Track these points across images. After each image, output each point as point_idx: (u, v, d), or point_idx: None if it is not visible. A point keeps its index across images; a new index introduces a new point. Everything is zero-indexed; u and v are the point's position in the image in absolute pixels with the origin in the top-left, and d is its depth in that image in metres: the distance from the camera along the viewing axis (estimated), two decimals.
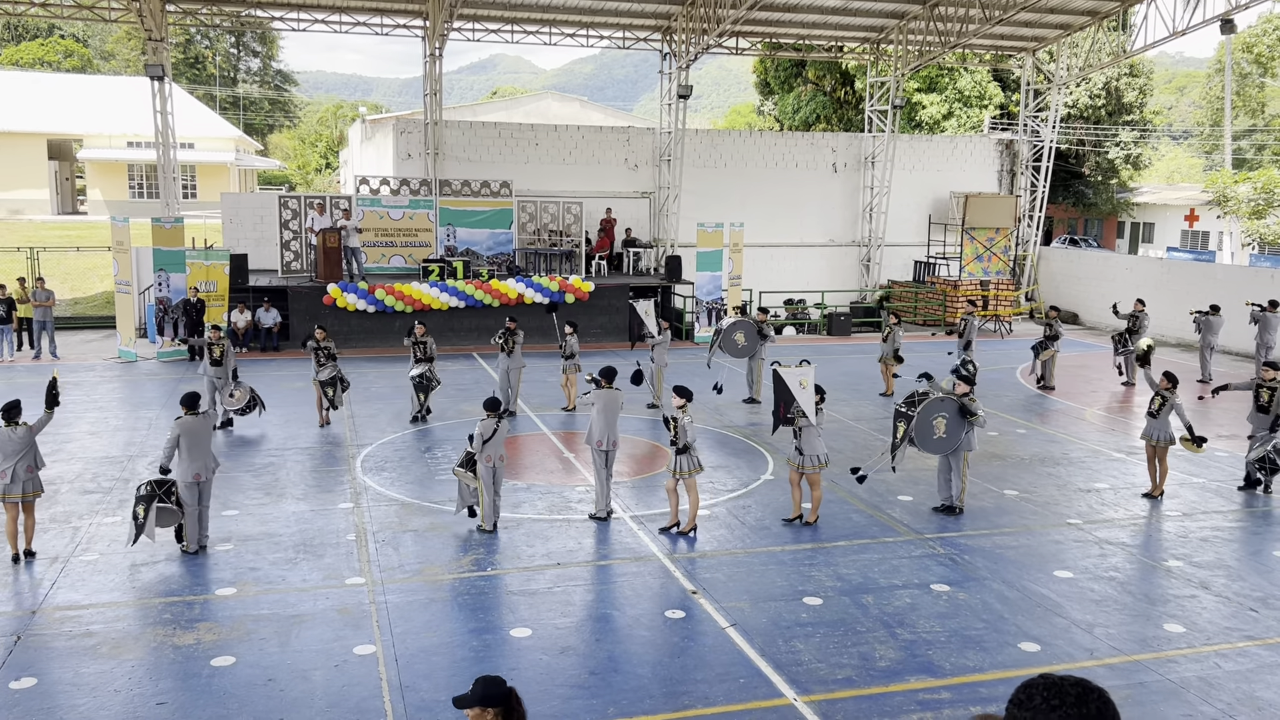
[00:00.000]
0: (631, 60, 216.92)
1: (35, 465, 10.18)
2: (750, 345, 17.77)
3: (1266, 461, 12.97)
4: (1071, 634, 8.92)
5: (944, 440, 11.89)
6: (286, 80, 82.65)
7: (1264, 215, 38.74)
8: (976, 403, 11.86)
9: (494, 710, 4.39)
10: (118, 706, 7.39)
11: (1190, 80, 78.47)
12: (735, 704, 7.57)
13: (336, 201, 24.47)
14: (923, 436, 11.79)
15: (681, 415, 10.97)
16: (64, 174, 53.23)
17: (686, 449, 10.94)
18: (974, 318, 19.45)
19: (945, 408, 11.81)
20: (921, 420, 11.73)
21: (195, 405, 10.59)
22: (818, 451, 11.43)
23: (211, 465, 10.64)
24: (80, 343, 23.59)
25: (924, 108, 39.73)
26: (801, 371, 11.53)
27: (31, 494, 10.14)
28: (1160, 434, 12.70)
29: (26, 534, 10.24)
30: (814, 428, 11.38)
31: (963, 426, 11.84)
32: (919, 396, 11.95)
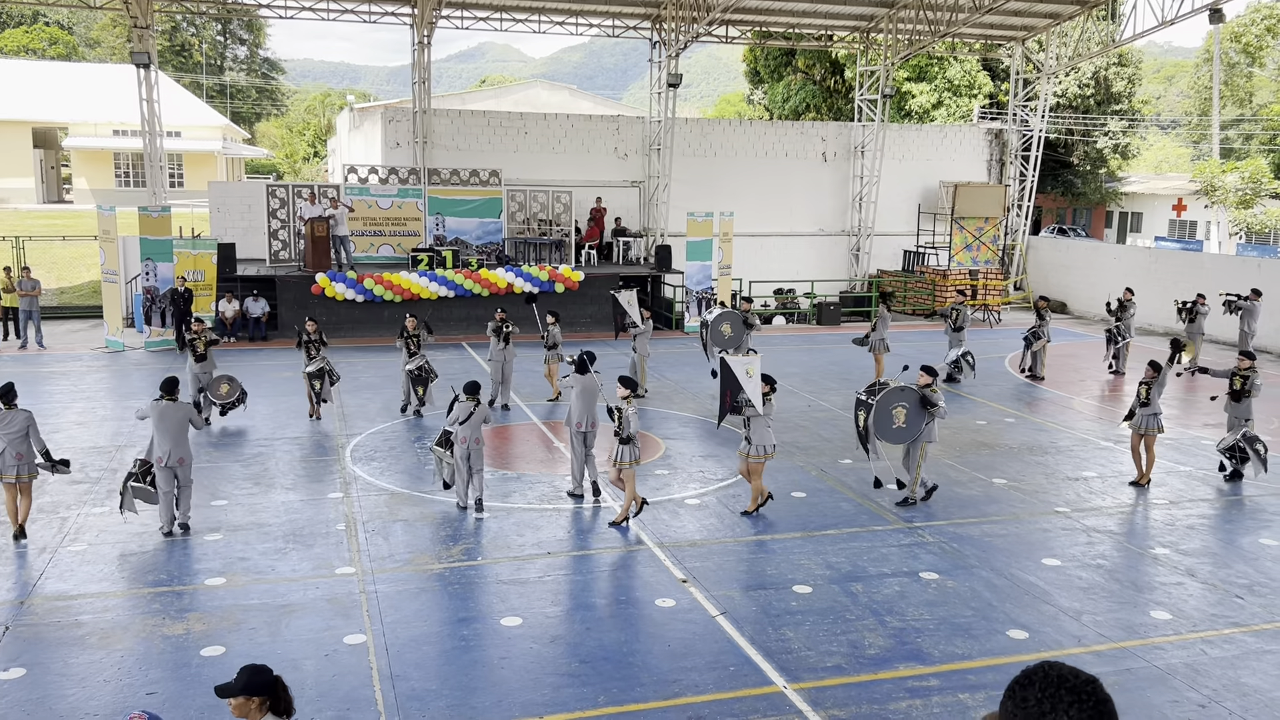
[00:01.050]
0: (621, 48, 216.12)
1: (26, 454, 10.39)
2: (736, 335, 17.75)
3: (1236, 450, 13.04)
4: (1059, 621, 8.98)
5: (903, 430, 11.78)
6: (274, 68, 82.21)
7: (1251, 205, 38.93)
8: (938, 393, 11.78)
9: (259, 700, 4.31)
10: (107, 696, 7.38)
11: (1179, 70, 78.65)
12: (725, 692, 7.60)
13: (325, 190, 24.37)
14: (881, 426, 11.69)
15: (626, 406, 10.90)
16: (49, 162, 52.87)
17: (630, 440, 10.86)
18: (965, 307, 19.46)
19: (905, 397, 11.72)
20: (880, 409, 11.63)
21: (173, 390, 10.76)
22: (766, 441, 11.31)
23: (178, 454, 10.55)
24: (67, 332, 23.47)
25: (914, 97, 39.73)
26: (748, 360, 11.47)
27: (27, 476, 10.47)
28: (1147, 423, 12.75)
29: (23, 512, 10.52)
30: (762, 417, 11.27)
31: (923, 417, 11.74)
32: (879, 385, 11.87)
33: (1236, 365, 13.36)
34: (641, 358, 17.30)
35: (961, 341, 19.03)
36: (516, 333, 16.33)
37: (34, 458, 10.53)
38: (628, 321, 17.29)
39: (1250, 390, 13.06)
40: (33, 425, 10.49)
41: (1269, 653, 8.42)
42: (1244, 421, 13.06)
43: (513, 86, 53.40)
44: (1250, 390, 13.06)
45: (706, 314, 18.47)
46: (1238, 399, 13.14)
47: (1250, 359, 13.29)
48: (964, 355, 18.84)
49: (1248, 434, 12.96)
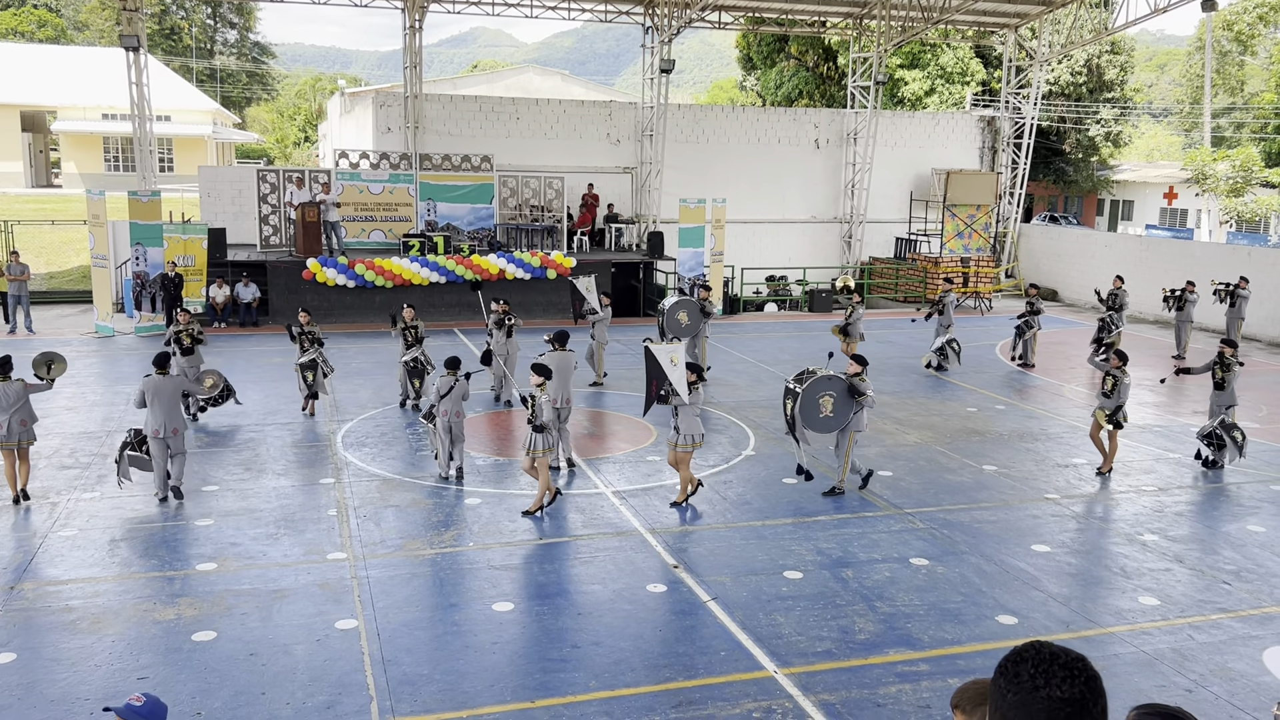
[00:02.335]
0: (613, 34, 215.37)
1: (29, 419, 11.04)
2: (694, 323, 17.50)
3: (1214, 437, 13.06)
4: (1048, 607, 9.03)
5: (831, 419, 11.62)
6: (264, 52, 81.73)
7: (1242, 193, 39.02)
8: (866, 382, 11.61)
9: None
10: (98, 681, 7.38)
11: (1171, 58, 78.69)
12: (716, 676, 7.63)
13: (316, 175, 24.26)
14: (808, 415, 11.52)
15: (539, 394, 10.73)
16: (38, 146, 52.53)
17: (543, 428, 10.71)
18: (951, 295, 19.44)
19: (833, 386, 11.54)
20: (807, 398, 11.47)
21: (165, 365, 11.29)
22: (694, 431, 11.10)
23: (173, 425, 11.11)
24: (56, 317, 23.36)
25: (906, 84, 39.70)
26: (671, 348, 11.29)
27: (26, 443, 11.04)
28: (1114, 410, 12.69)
29: (22, 477, 11.07)
30: (689, 406, 11.06)
31: (851, 406, 11.61)
32: (807, 373, 11.70)
33: (1218, 354, 13.30)
34: (599, 345, 17.14)
35: (947, 329, 19.02)
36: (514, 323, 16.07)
37: (35, 421, 11.16)
38: (586, 308, 17.00)
39: (1228, 380, 13.00)
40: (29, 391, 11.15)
41: (1255, 638, 8.49)
42: (1225, 409, 13.06)
43: (505, 71, 53.18)
44: (1228, 380, 13.00)
45: (664, 301, 18.17)
46: (1220, 387, 13.13)
47: (1232, 347, 13.25)
48: (949, 343, 18.86)
49: (1225, 421, 12.98)
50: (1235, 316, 21.12)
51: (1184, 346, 20.99)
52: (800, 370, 11.96)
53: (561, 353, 12.80)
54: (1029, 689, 2.03)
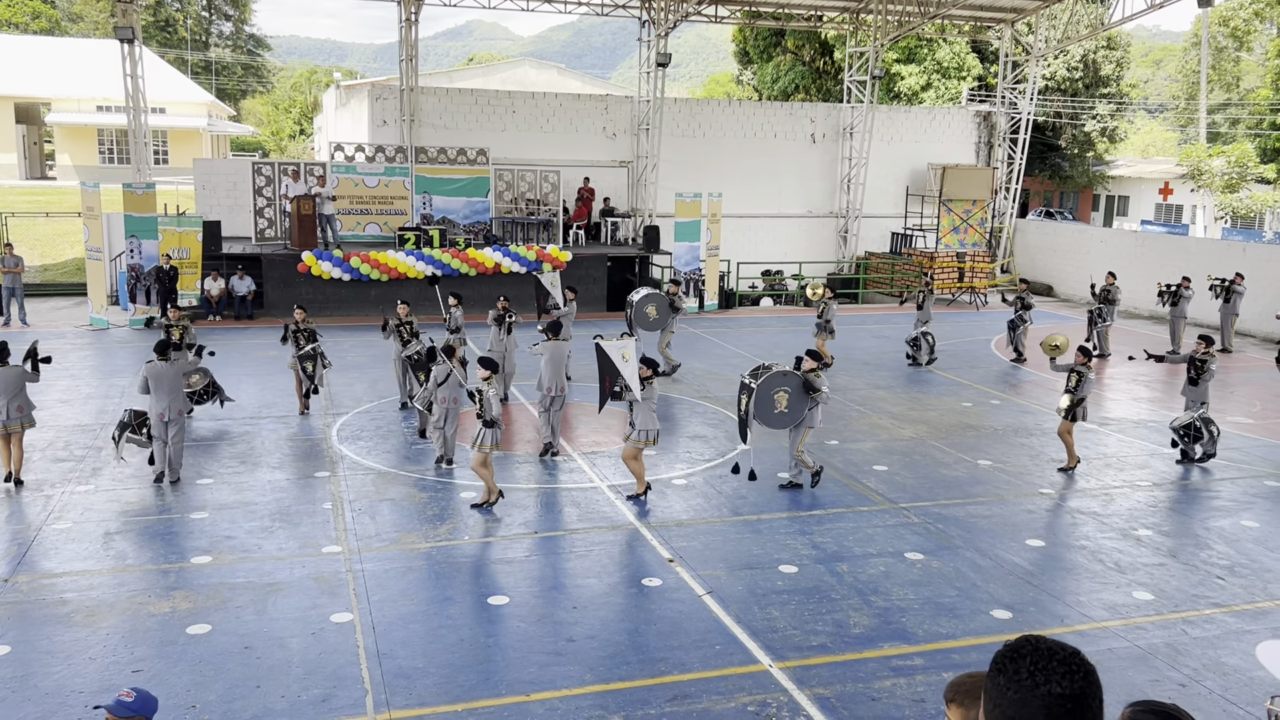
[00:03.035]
0: (609, 28, 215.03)
1: (26, 405, 11.23)
2: (661, 318, 17.36)
3: (1191, 429, 13.02)
4: (1043, 601, 9.05)
5: (785, 415, 11.53)
6: (259, 44, 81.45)
7: (1237, 189, 39.09)
8: (822, 378, 11.53)
9: None
10: (93, 674, 7.37)
11: (1167, 54, 78.72)
12: (711, 670, 7.64)
13: (311, 168, 24.21)
14: (763, 411, 11.43)
15: (486, 388, 10.64)
16: (32, 138, 52.33)
17: (493, 424, 10.62)
18: (930, 290, 19.27)
19: (788, 382, 11.46)
20: (762, 394, 11.37)
21: (165, 351, 11.55)
22: (649, 427, 11.01)
23: (176, 407, 11.45)
24: (51, 310, 23.30)
25: (902, 79, 39.69)
26: (623, 344, 11.18)
27: (20, 427, 11.21)
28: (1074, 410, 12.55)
29: (15, 463, 11.25)
30: (642, 402, 10.96)
31: (806, 402, 11.53)
32: (762, 369, 11.60)
33: (1194, 350, 13.22)
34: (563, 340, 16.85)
35: (924, 323, 18.88)
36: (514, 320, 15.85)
37: (32, 408, 11.36)
38: (550, 304, 16.74)
39: (1202, 377, 12.90)
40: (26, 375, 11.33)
41: (1249, 633, 8.52)
42: (1200, 404, 12.99)
43: (500, 65, 53.07)
44: (1202, 377, 12.90)
45: (632, 294, 17.91)
46: (1195, 383, 13.01)
47: (1209, 344, 13.17)
48: (923, 335, 18.78)
49: (1204, 415, 12.95)
50: (1230, 312, 21.17)
51: (1178, 342, 21.01)
52: (756, 366, 11.85)
53: (555, 342, 13.01)
54: (1029, 685, 2.03)
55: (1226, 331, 21.35)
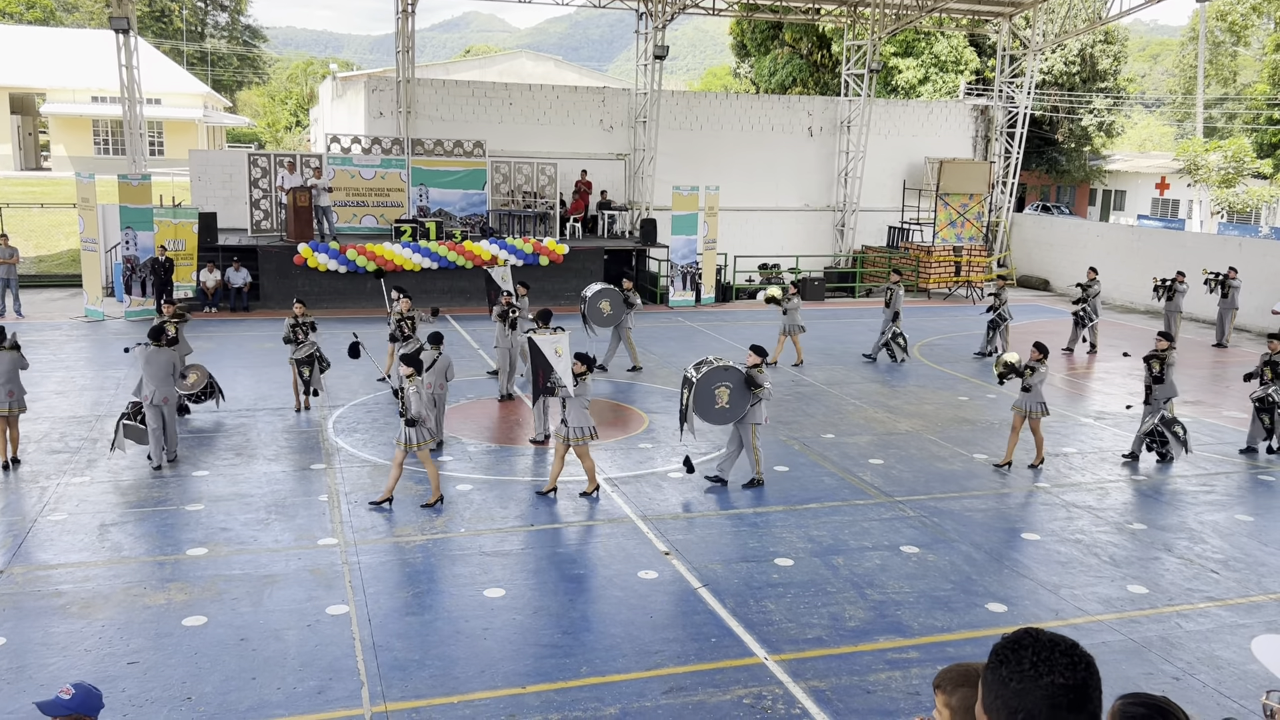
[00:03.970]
0: (606, 20, 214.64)
1: (17, 389, 11.53)
2: (616, 314, 16.96)
3: (1156, 435, 12.83)
4: (1038, 595, 9.07)
5: (727, 411, 11.37)
6: (255, 36, 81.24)
7: (1233, 184, 39.12)
8: (764, 374, 11.37)
9: None
10: (88, 665, 7.36)
11: (1164, 48, 78.72)
12: (707, 663, 7.65)
13: (307, 160, 24.15)
14: (704, 406, 11.26)
15: (408, 385, 10.41)
16: (26, 129, 52.17)
17: (415, 422, 10.41)
18: (899, 287, 18.99)
19: (729, 377, 11.28)
20: (703, 389, 11.20)
21: (158, 337, 11.83)
22: (583, 423, 10.83)
23: (163, 394, 11.71)
24: (46, 301, 23.24)
25: (900, 72, 39.67)
26: (556, 339, 11.02)
27: (16, 411, 11.54)
28: (1032, 405, 12.40)
29: (12, 444, 11.65)
30: (576, 399, 10.77)
31: (748, 398, 11.36)
32: (704, 363, 11.44)
33: (1154, 348, 13.04)
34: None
35: (894, 322, 18.60)
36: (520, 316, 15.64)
37: (23, 393, 11.66)
38: (502, 298, 16.19)
39: (1166, 373, 12.72)
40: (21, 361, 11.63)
41: (1243, 626, 8.54)
42: (1164, 402, 12.81)
43: (497, 57, 52.94)
44: (1166, 373, 12.72)
45: (586, 289, 17.40)
46: (1159, 380, 12.79)
47: (1169, 340, 12.97)
48: (895, 337, 18.63)
49: (1165, 417, 12.77)
50: (1228, 307, 21.18)
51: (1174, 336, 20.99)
52: (699, 359, 11.71)
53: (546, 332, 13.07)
54: (1032, 676, 2.04)
55: (1225, 326, 21.36)
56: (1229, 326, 21.46)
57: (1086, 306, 20.12)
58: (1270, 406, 13.24)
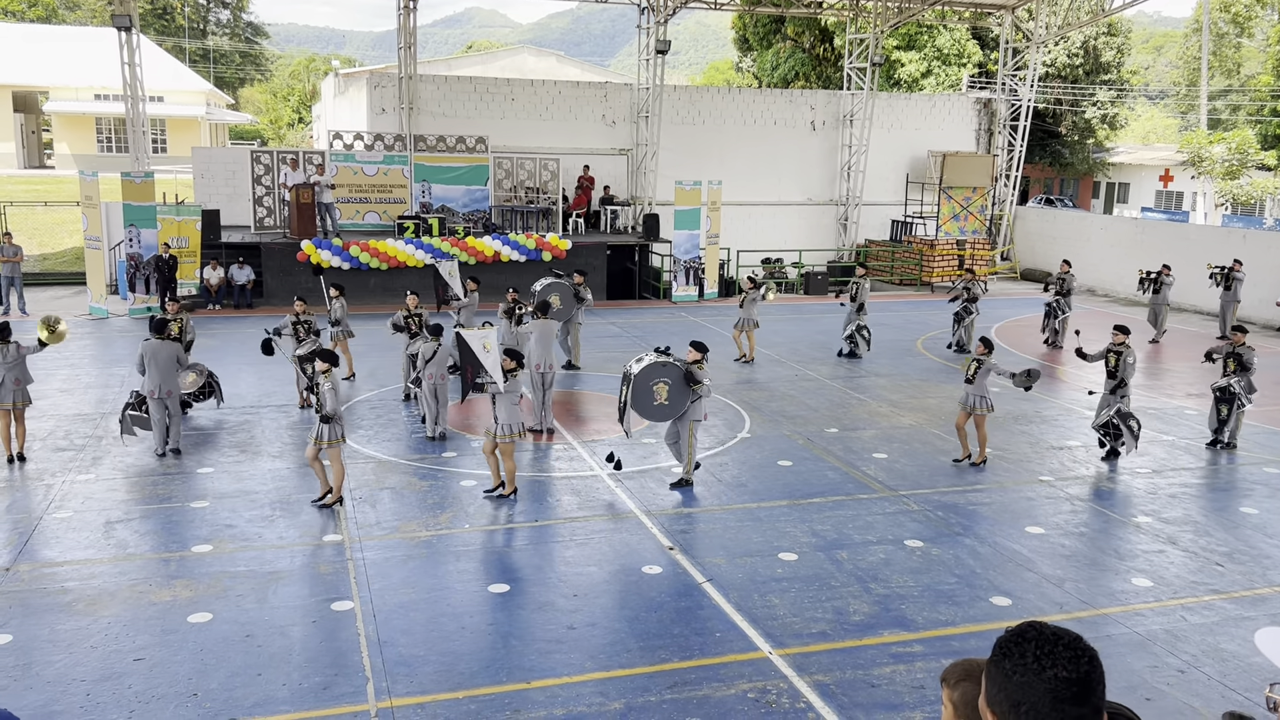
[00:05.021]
0: (608, 14, 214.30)
1: (24, 379, 11.63)
2: (565, 309, 16.50)
3: (1111, 427, 12.66)
4: (1042, 588, 9.07)
5: (666, 407, 11.17)
6: (257, 32, 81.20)
7: (1238, 176, 39.02)
8: (704, 370, 11.17)
9: None
10: (94, 662, 7.39)
11: (1168, 40, 78.47)
12: (711, 657, 7.66)
13: (310, 157, 24.15)
14: (641, 402, 11.07)
15: (323, 381, 10.26)
16: (30, 127, 52.23)
17: (330, 419, 10.22)
18: (865, 281, 18.78)
19: (668, 373, 11.09)
20: (640, 385, 11.03)
21: (162, 330, 12.11)
22: (513, 420, 10.66)
23: (167, 387, 11.98)
24: (50, 299, 23.27)
25: (903, 66, 39.58)
26: (484, 334, 10.86)
27: (21, 404, 11.63)
28: (976, 400, 12.23)
29: (19, 440, 11.74)
30: (506, 395, 10.61)
31: (688, 395, 11.15)
32: (643, 358, 11.25)
33: (1110, 342, 12.81)
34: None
35: (859, 315, 18.40)
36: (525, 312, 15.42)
37: (29, 383, 11.75)
38: (450, 294, 16.14)
39: (1121, 369, 12.51)
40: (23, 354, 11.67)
41: (1247, 619, 8.54)
42: (1120, 398, 12.62)
43: (499, 52, 52.93)
44: (1121, 369, 12.51)
45: (536, 284, 16.93)
46: (1113, 375, 12.62)
47: (1125, 334, 12.72)
48: (859, 330, 18.48)
49: (1122, 410, 12.59)
50: (1231, 299, 21.12)
51: (1161, 328, 20.88)
52: (639, 355, 11.54)
53: (544, 321, 13.53)
54: (1035, 670, 2.04)
55: (1227, 318, 21.31)
56: (1230, 319, 21.40)
57: (1059, 299, 19.93)
58: (1230, 398, 13.18)
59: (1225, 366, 13.29)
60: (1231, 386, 13.14)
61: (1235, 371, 13.17)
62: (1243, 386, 13.12)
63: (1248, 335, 13.56)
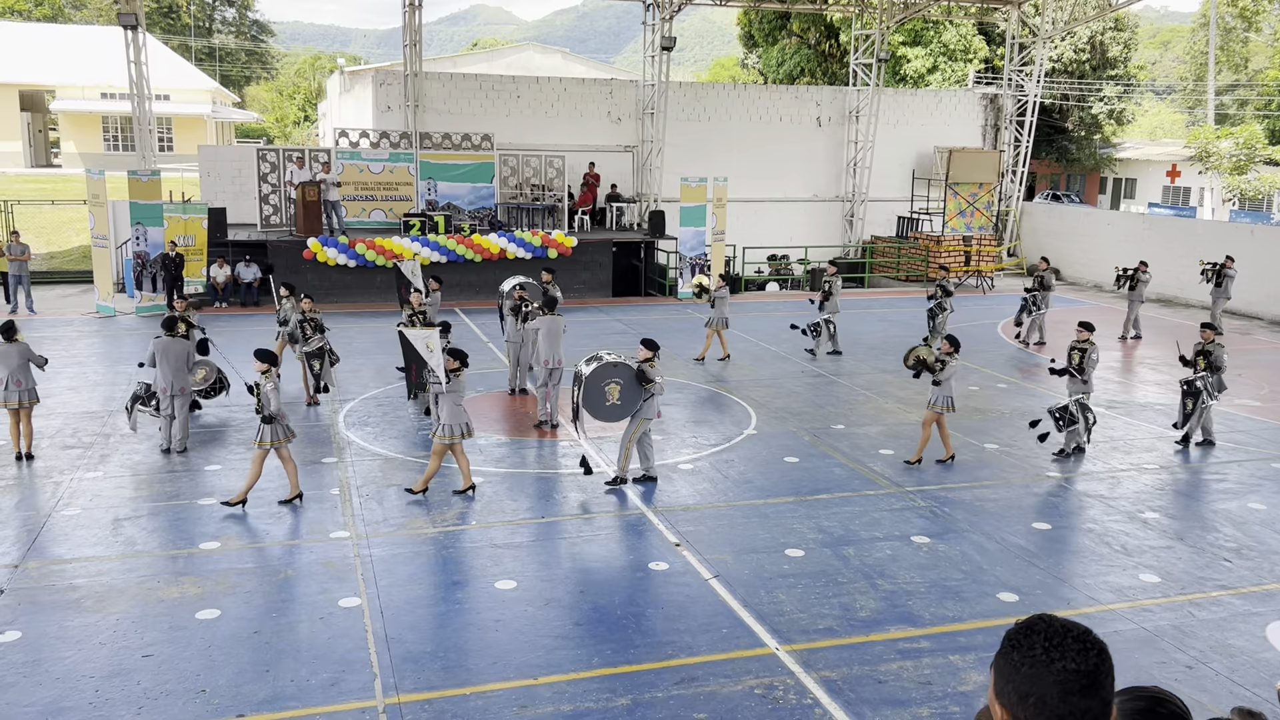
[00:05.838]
0: (614, 11, 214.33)
1: (26, 380, 11.63)
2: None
3: (1066, 413, 12.53)
4: (1049, 584, 9.05)
5: (618, 407, 11.05)
6: (263, 31, 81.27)
7: (1245, 171, 38.86)
8: (656, 369, 11.06)
9: None
10: (103, 659, 7.41)
11: (1175, 35, 78.20)
12: (718, 654, 7.66)
13: (316, 155, 24.18)
14: (594, 403, 10.99)
15: (264, 381, 10.21)
16: (36, 125, 52.34)
17: (271, 418, 10.19)
18: (837, 279, 18.58)
19: (619, 373, 10.98)
20: (592, 385, 10.93)
21: (173, 328, 12.16)
22: (455, 421, 10.59)
23: (179, 384, 12.09)
24: (58, 297, 23.34)
25: (909, 61, 39.49)
26: (427, 334, 10.82)
27: (28, 403, 11.68)
28: (938, 398, 12.10)
29: (26, 439, 11.80)
30: (450, 394, 10.55)
31: (640, 394, 11.02)
32: (594, 358, 11.19)
33: (1075, 338, 12.76)
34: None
35: (830, 311, 18.25)
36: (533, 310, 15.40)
37: (34, 384, 11.78)
38: (412, 293, 15.86)
39: (1086, 365, 12.46)
40: (31, 354, 11.75)
41: (1255, 615, 8.52)
42: (1080, 393, 12.50)
43: (505, 49, 52.92)
44: (1086, 365, 12.46)
45: (504, 284, 16.59)
46: (1077, 373, 12.54)
47: (1089, 330, 12.68)
48: (825, 322, 18.27)
49: (1082, 401, 12.51)
50: (1221, 296, 20.95)
51: (1130, 323, 20.74)
52: (590, 355, 11.46)
53: (551, 317, 13.50)
54: (1044, 662, 2.04)
55: (1215, 314, 21.13)
56: (1219, 315, 21.21)
57: (1036, 294, 19.79)
58: (1195, 394, 13.12)
59: (1195, 364, 13.22)
60: (1197, 382, 13.09)
61: (1205, 369, 13.12)
62: (1211, 383, 13.06)
63: (1218, 334, 13.50)
